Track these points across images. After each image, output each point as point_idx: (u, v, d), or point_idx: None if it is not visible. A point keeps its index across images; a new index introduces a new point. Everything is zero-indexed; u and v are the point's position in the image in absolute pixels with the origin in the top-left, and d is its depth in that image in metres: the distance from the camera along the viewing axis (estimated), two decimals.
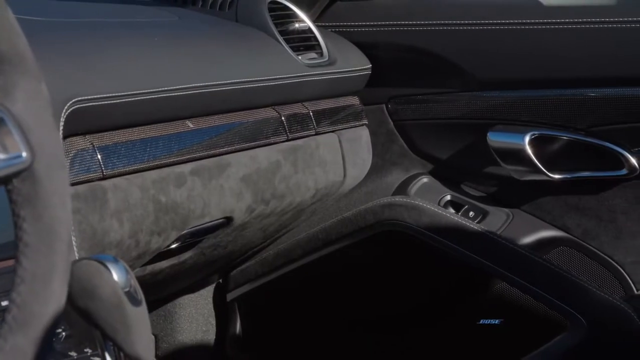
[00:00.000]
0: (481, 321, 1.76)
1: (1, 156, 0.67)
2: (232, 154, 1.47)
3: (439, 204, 1.77)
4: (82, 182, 1.21)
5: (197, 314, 1.93)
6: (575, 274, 1.68)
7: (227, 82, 1.45)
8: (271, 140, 1.55)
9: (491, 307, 1.76)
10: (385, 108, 1.80)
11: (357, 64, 1.75)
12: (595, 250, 1.73)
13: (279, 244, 1.83)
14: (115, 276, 0.95)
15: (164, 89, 1.34)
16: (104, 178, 1.24)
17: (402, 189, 1.79)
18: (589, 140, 1.68)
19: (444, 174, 1.80)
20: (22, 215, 0.71)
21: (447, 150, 1.78)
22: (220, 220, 1.46)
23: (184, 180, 1.36)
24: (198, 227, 1.42)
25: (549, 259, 1.71)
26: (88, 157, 1.22)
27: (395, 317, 1.83)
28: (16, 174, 0.68)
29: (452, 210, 1.77)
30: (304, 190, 1.61)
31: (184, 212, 1.36)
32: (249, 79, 1.50)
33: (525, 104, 1.70)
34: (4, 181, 0.68)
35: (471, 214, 1.76)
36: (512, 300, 1.73)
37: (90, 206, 1.21)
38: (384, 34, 1.76)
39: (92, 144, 1.23)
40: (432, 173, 1.81)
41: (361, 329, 1.85)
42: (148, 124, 1.34)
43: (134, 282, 0.98)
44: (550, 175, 1.68)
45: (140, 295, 0.98)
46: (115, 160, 1.26)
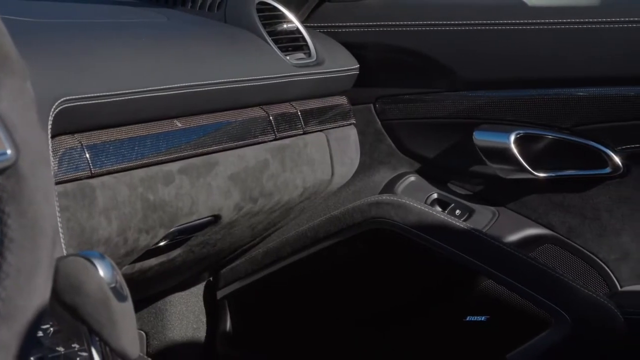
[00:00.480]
0: (468, 318, 1.78)
1: None
2: (220, 152, 1.49)
3: (425, 202, 1.78)
4: (71, 180, 1.23)
5: (188, 311, 1.94)
6: (559, 271, 1.70)
7: (215, 82, 1.47)
8: (259, 140, 1.56)
9: (477, 304, 1.78)
10: (373, 108, 1.82)
11: (345, 64, 1.77)
12: (579, 247, 1.75)
13: (268, 242, 1.84)
14: (101, 272, 0.96)
15: (152, 88, 1.35)
16: (92, 176, 1.26)
17: (390, 187, 1.81)
18: (573, 139, 1.70)
19: (431, 173, 1.82)
20: (6, 211, 0.72)
21: (434, 149, 1.80)
22: (208, 218, 1.48)
23: (172, 179, 1.38)
24: (186, 225, 1.44)
25: (534, 256, 1.73)
26: (76, 155, 1.24)
27: (382, 314, 1.85)
28: (1, 171, 0.70)
29: (438, 209, 1.79)
30: (292, 189, 1.63)
31: (172, 210, 1.38)
32: (237, 79, 1.51)
33: (510, 104, 1.72)
34: None
35: (457, 212, 1.78)
36: (498, 298, 1.75)
37: (79, 204, 1.23)
38: (371, 35, 1.78)
39: (80, 142, 1.25)
40: (419, 172, 1.83)
41: (349, 326, 1.86)
42: (136, 123, 1.36)
43: (119, 278, 1.00)
44: (535, 173, 1.70)
45: (126, 291, 1.00)
46: (103, 159, 1.28)
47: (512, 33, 1.70)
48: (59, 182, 1.20)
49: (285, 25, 1.71)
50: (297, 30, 1.71)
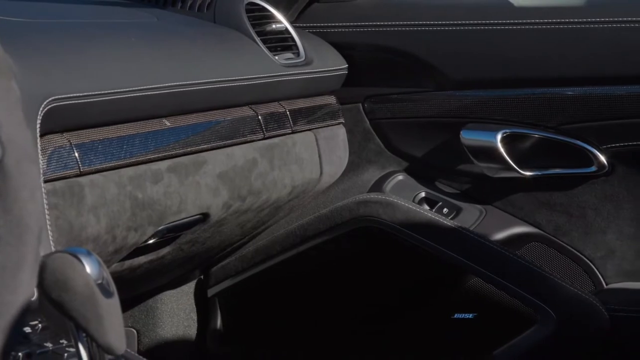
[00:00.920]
0: (455, 315, 1.79)
1: None
2: (209, 151, 1.50)
3: (413, 201, 1.80)
4: (60, 179, 1.24)
5: (179, 309, 1.96)
6: (546, 269, 1.72)
7: (203, 81, 1.49)
8: (248, 139, 1.58)
9: (465, 301, 1.79)
10: (361, 107, 1.84)
11: (334, 64, 1.79)
12: (565, 245, 1.77)
13: (258, 241, 1.86)
14: (87, 268, 0.98)
15: (141, 87, 1.37)
16: (81, 174, 1.27)
17: (378, 186, 1.82)
18: (559, 138, 1.72)
19: (419, 172, 1.84)
20: None
21: (422, 148, 1.82)
22: (196, 217, 1.49)
23: (161, 177, 1.40)
24: (175, 223, 1.45)
25: (521, 254, 1.75)
26: (65, 154, 1.25)
27: (370, 312, 1.86)
28: None
29: (426, 207, 1.80)
30: (281, 187, 1.65)
31: (160, 208, 1.39)
32: (225, 79, 1.53)
33: (497, 103, 1.74)
34: None
35: (445, 210, 1.80)
36: (485, 295, 1.77)
37: (68, 202, 1.24)
38: (360, 35, 1.80)
39: (69, 141, 1.26)
40: (407, 170, 1.84)
41: (338, 323, 1.88)
42: (125, 122, 1.37)
43: (106, 274, 1.01)
44: (522, 172, 1.72)
45: (113, 287, 1.01)
46: (92, 157, 1.29)
47: (499, 33, 1.72)
48: (47, 180, 1.21)
49: (274, 26, 1.72)
50: (286, 30, 1.73)
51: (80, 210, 1.26)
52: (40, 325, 1.06)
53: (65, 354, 1.05)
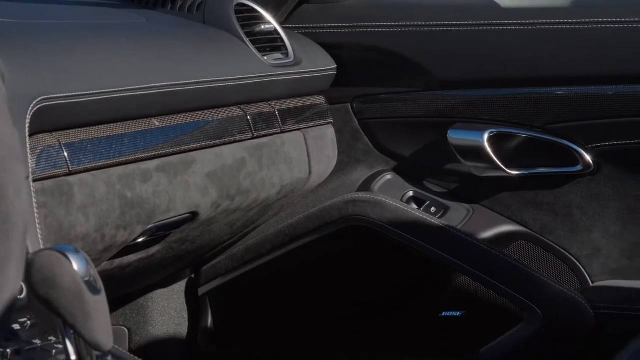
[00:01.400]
0: (443, 313, 1.81)
1: None
2: (198, 151, 1.51)
3: (402, 200, 1.82)
4: (49, 178, 1.25)
5: (170, 307, 1.97)
6: (532, 267, 1.74)
7: (192, 81, 1.50)
8: (236, 138, 1.59)
9: (453, 299, 1.81)
10: (350, 107, 1.86)
11: (323, 65, 1.80)
12: (552, 244, 1.79)
13: (248, 240, 1.88)
14: (75, 266, 0.99)
15: (130, 87, 1.38)
16: (70, 174, 1.28)
17: (367, 185, 1.84)
18: (545, 137, 1.74)
19: (407, 171, 1.85)
20: None
21: (410, 148, 1.84)
22: (185, 215, 1.51)
23: (150, 176, 1.41)
24: (164, 221, 1.47)
25: (507, 252, 1.77)
26: (54, 153, 1.26)
27: (359, 310, 1.88)
28: None
29: (414, 206, 1.82)
30: (269, 187, 1.66)
31: (149, 207, 1.41)
32: (214, 79, 1.54)
33: (484, 103, 1.76)
34: None
35: (433, 209, 1.81)
36: (473, 293, 1.78)
37: (57, 201, 1.25)
38: (349, 36, 1.82)
39: (58, 140, 1.27)
40: (395, 170, 1.86)
41: (328, 321, 1.89)
42: (114, 121, 1.38)
43: (93, 271, 1.02)
44: (508, 171, 1.74)
45: (100, 285, 1.02)
46: (81, 157, 1.30)
47: (486, 34, 1.73)
48: (37, 180, 1.22)
49: (263, 26, 1.74)
50: (275, 31, 1.75)
51: (70, 209, 1.27)
52: (29, 322, 1.07)
53: (54, 351, 1.06)
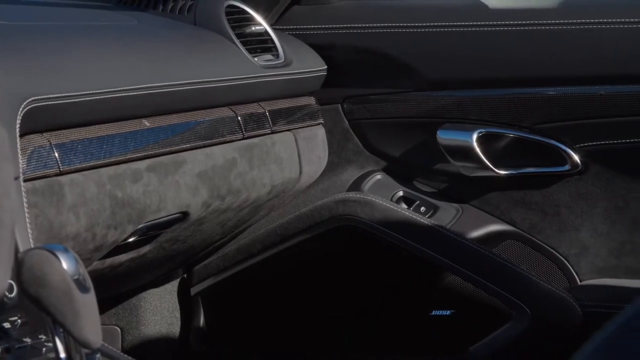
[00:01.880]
0: (433, 312, 1.82)
1: None
2: (188, 151, 1.53)
3: (391, 200, 1.83)
4: (39, 178, 1.26)
5: (162, 307, 1.98)
6: (521, 266, 1.75)
7: (182, 82, 1.51)
8: (227, 139, 1.61)
9: (442, 298, 1.82)
10: (340, 108, 1.87)
11: (313, 66, 1.82)
12: (540, 243, 1.81)
13: (240, 240, 1.89)
14: (64, 264, 1.00)
15: (121, 88, 1.39)
16: (60, 174, 1.29)
17: (357, 185, 1.85)
18: (533, 137, 1.75)
19: (397, 171, 1.87)
20: None
21: (400, 148, 1.85)
22: (176, 215, 1.52)
23: (140, 176, 1.42)
24: (155, 221, 1.48)
25: (497, 252, 1.78)
26: (45, 153, 1.28)
27: (350, 309, 1.89)
28: None
29: (404, 206, 1.83)
30: (260, 187, 1.67)
31: (140, 206, 1.42)
32: (205, 80, 1.56)
33: (472, 104, 1.77)
34: None
35: (423, 209, 1.83)
36: (462, 292, 1.80)
37: (47, 200, 1.26)
38: (339, 37, 1.83)
39: (49, 141, 1.28)
40: (385, 170, 1.87)
41: (319, 320, 1.91)
42: (105, 122, 1.40)
43: (82, 270, 1.03)
44: (497, 171, 1.76)
45: (89, 283, 1.03)
46: (72, 157, 1.31)
47: (475, 35, 1.75)
48: (27, 179, 1.23)
49: (253, 28, 1.75)
50: (266, 33, 1.76)
51: (60, 208, 1.28)
52: (19, 320, 1.08)
53: (44, 349, 1.07)
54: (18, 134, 1.19)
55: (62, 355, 1.02)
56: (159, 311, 1.97)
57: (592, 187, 1.76)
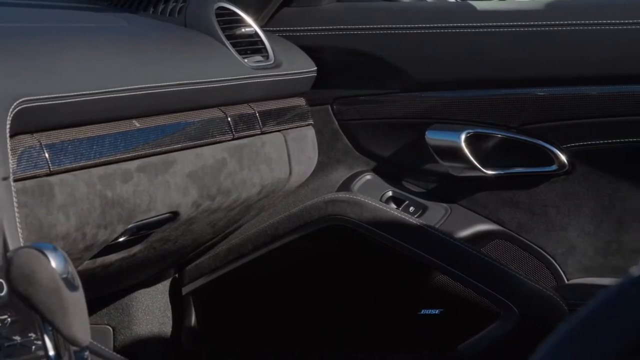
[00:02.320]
0: (422, 311, 1.84)
1: None
2: (179, 151, 1.54)
3: (381, 200, 1.85)
4: (30, 178, 1.28)
5: (154, 307, 1.99)
6: (508, 266, 1.77)
7: (173, 83, 1.53)
8: (217, 139, 1.62)
9: (431, 298, 1.84)
10: (330, 108, 1.89)
11: (303, 67, 1.83)
12: (528, 242, 1.82)
13: (231, 240, 1.90)
14: (53, 263, 1.02)
15: (111, 89, 1.40)
16: (51, 174, 1.31)
17: (346, 185, 1.87)
18: (521, 137, 1.77)
19: (386, 171, 1.88)
20: None
21: (389, 149, 1.87)
22: (166, 215, 1.53)
23: (130, 176, 1.43)
24: (145, 221, 1.49)
25: (485, 251, 1.80)
26: (35, 154, 1.29)
27: (340, 308, 1.90)
28: None
29: (393, 206, 1.85)
30: (250, 187, 1.69)
31: (130, 206, 1.43)
32: (194, 81, 1.57)
33: (460, 104, 1.79)
34: None
35: (411, 209, 1.84)
36: (451, 291, 1.81)
37: (37, 200, 1.28)
38: (328, 38, 1.85)
39: (39, 141, 1.30)
40: (374, 170, 1.89)
41: (309, 319, 1.92)
42: (95, 123, 1.41)
43: (71, 269, 1.05)
44: (485, 171, 1.77)
45: (78, 282, 1.05)
46: (62, 157, 1.33)
47: (462, 36, 1.77)
48: (17, 180, 1.24)
49: (243, 29, 1.77)
50: (256, 34, 1.77)
51: (50, 208, 1.29)
52: (9, 319, 1.09)
53: (33, 347, 1.08)
54: (8, 135, 1.21)
55: (51, 352, 1.03)
56: (151, 311, 1.98)
57: (579, 187, 1.78)
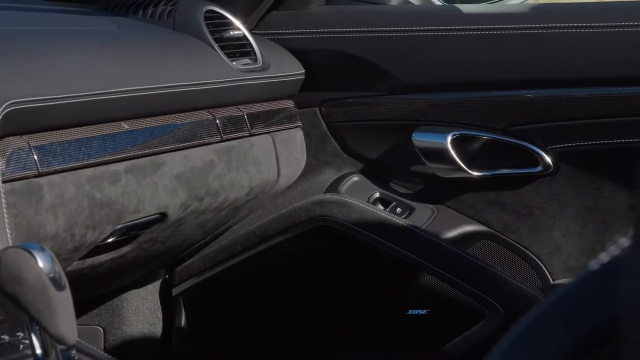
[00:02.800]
0: (409, 311, 1.85)
1: None
2: (167, 153, 1.56)
3: (368, 201, 1.86)
4: (18, 179, 1.29)
5: (144, 308, 2.00)
6: (494, 266, 1.79)
7: (161, 85, 1.54)
8: (205, 141, 1.64)
9: (418, 298, 1.86)
10: (318, 111, 1.91)
11: (291, 70, 1.85)
12: (514, 243, 1.84)
13: (220, 241, 1.92)
14: (40, 263, 1.03)
15: (99, 92, 1.42)
16: (39, 175, 1.32)
17: (334, 187, 1.88)
18: (506, 139, 1.79)
19: (374, 173, 1.90)
20: None
21: (376, 150, 1.89)
22: (155, 216, 1.55)
23: (119, 178, 1.45)
24: (133, 222, 1.51)
25: (471, 252, 1.82)
26: (24, 155, 1.30)
27: (328, 308, 1.92)
28: None
29: (380, 207, 1.87)
30: (238, 188, 1.70)
31: (118, 207, 1.45)
32: (183, 83, 1.59)
33: (447, 106, 1.81)
34: None
35: (398, 210, 1.86)
36: (437, 292, 1.83)
37: (26, 201, 1.29)
38: (316, 42, 1.87)
39: (28, 143, 1.31)
40: (362, 172, 1.91)
41: (297, 319, 1.94)
42: (84, 125, 1.42)
43: (58, 268, 1.06)
44: (471, 172, 1.79)
45: (65, 281, 1.06)
46: (51, 159, 1.34)
47: (449, 39, 1.79)
48: (6, 181, 1.26)
49: (232, 32, 1.78)
50: (244, 37, 1.79)
51: (39, 209, 1.31)
52: None
53: (21, 346, 1.10)
54: None
55: (38, 351, 1.05)
56: (141, 312, 2.00)
57: (564, 187, 1.80)
